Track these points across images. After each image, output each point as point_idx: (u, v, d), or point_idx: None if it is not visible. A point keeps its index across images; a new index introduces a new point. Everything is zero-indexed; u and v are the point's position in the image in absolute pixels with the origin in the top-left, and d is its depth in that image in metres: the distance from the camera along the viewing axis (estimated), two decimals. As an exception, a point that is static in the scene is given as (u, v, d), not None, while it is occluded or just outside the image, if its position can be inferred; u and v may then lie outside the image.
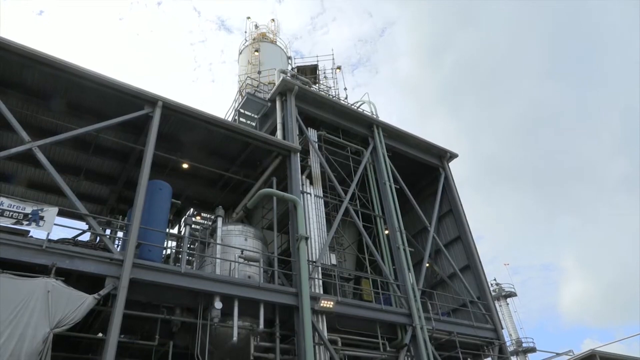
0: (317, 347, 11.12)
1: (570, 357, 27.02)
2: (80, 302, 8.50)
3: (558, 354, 42.24)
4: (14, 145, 10.59)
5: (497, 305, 25.77)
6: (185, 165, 14.73)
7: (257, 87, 20.26)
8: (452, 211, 18.69)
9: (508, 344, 18.51)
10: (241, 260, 11.86)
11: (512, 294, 52.05)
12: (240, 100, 18.08)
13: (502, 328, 16.09)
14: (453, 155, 19.68)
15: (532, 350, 46.93)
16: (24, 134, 10.04)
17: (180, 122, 13.13)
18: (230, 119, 18.30)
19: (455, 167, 20.05)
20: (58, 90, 11.96)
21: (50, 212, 9.30)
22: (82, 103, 12.43)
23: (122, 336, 10.73)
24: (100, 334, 10.58)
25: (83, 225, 15.28)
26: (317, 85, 23.85)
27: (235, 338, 10.44)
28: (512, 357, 19.50)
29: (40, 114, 12.41)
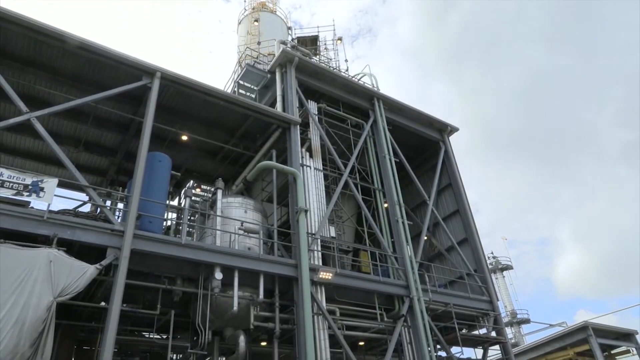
0: (315, 316, 11.34)
1: (563, 328, 27.59)
2: (82, 272, 8.61)
3: (551, 325, 43.18)
4: (12, 116, 10.51)
5: (493, 277, 26.18)
6: (184, 137, 14.68)
7: (257, 58, 19.96)
8: (452, 185, 18.74)
9: (503, 315, 18.89)
10: (241, 232, 11.96)
11: (508, 267, 52.83)
12: (240, 71, 17.85)
13: (498, 300, 16.38)
14: (454, 129, 19.59)
15: (526, 321, 47.98)
16: (21, 105, 9.96)
17: (179, 93, 13.01)
18: (229, 91, 18.12)
19: (455, 135, 19.94)
20: (55, 61, 11.81)
21: (50, 183, 9.31)
22: (80, 73, 12.28)
23: (124, 305, 10.94)
24: (102, 303, 10.79)
25: (83, 196, 15.36)
26: (317, 56, 23.50)
27: (235, 308, 10.64)
28: (506, 328, 19.93)
29: (37, 84, 12.29)
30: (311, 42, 25.13)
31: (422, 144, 19.49)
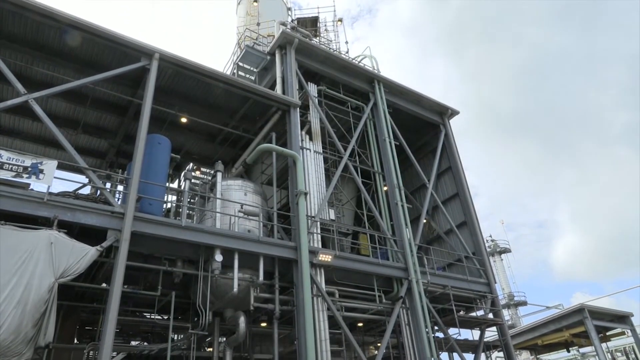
0: (315, 298, 11.46)
1: (559, 310, 27.93)
2: (83, 254, 8.66)
3: (548, 308, 43.74)
4: (10, 98, 10.44)
5: (491, 260, 26.36)
6: (183, 120, 14.61)
7: (256, 39, 19.74)
8: (451, 168, 18.74)
9: (500, 297, 19.11)
10: (241, 214, 12.00)
11: (506, 250, 53.21)
12: (239, 53, 17.67)
13: (495, 282, 16.53)
14: (454, 112, 19.50)
15: (523, 303, 48.53)
16: (19, 86, 9.88)
17: (178, 75, 12.91)
18: (228, 73, 17.96)
19: (456, 117, 19.82)
20: (53, 42, 11.67)
21: (49, 165, 9.30)
22: (78, 55, 12.15)
23: (125, 286, 11.03)
24: (104, 284, 10.88)
25: (83, 178, 15.35)
26: (317, 38, 23.24)
27: (235, 289, 10.74)
28: (503, 310, 20.17)
29: (35, 65, 12.17)
30: (311, 24, 24.84)
31: (423, 127, 19.41)
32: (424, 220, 16.57)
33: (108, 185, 14.66)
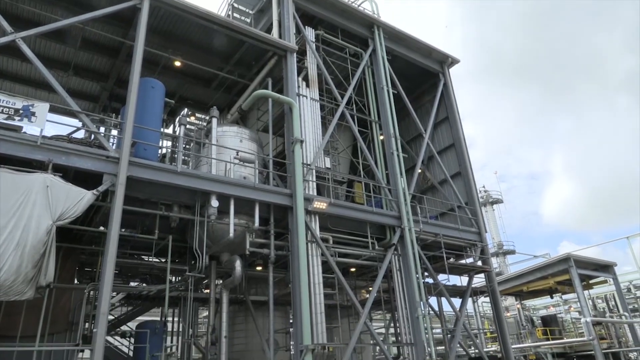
0: (309, 244, 11.72)
1: (546, 259, 28.81)
2: (79, 198, 8.72)
3: (535, 256, 45.07)
4: (-4, 37, 10.07)
5: (483, 210, 26.80)
6: (177, 63, 14.24)
7: (252, -22, 18.87)
8: (448, 119, 18.60)
9: (490, 246, 19.62)
10: (236, 161, 12.00)
11: (498, 201, 53.94)
12: (234, -7, 16.96)
13: (486, 232, 16.90)
14: (454, 61, 19.09)
15: (512, 252, 49.85)
16: (5, 24, 9.52)
17: (171, 16, 12.45)
18: (223, 14, 17.31)
19: (456, 65, 19.40)
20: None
21: (41, 107, 9.13)
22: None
23: (123, 230, 11.21)
24: (101, 227, 11.03)
25: (75, 122, 15.14)
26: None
27: (231, 234, 10.94)
28: (492, 259, 20.77)
29: (20, 2, 11.66)
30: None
31: (421, 76, 19.04)
32: (419, 170, 16.64)
33: (102, 129, 14.52)
